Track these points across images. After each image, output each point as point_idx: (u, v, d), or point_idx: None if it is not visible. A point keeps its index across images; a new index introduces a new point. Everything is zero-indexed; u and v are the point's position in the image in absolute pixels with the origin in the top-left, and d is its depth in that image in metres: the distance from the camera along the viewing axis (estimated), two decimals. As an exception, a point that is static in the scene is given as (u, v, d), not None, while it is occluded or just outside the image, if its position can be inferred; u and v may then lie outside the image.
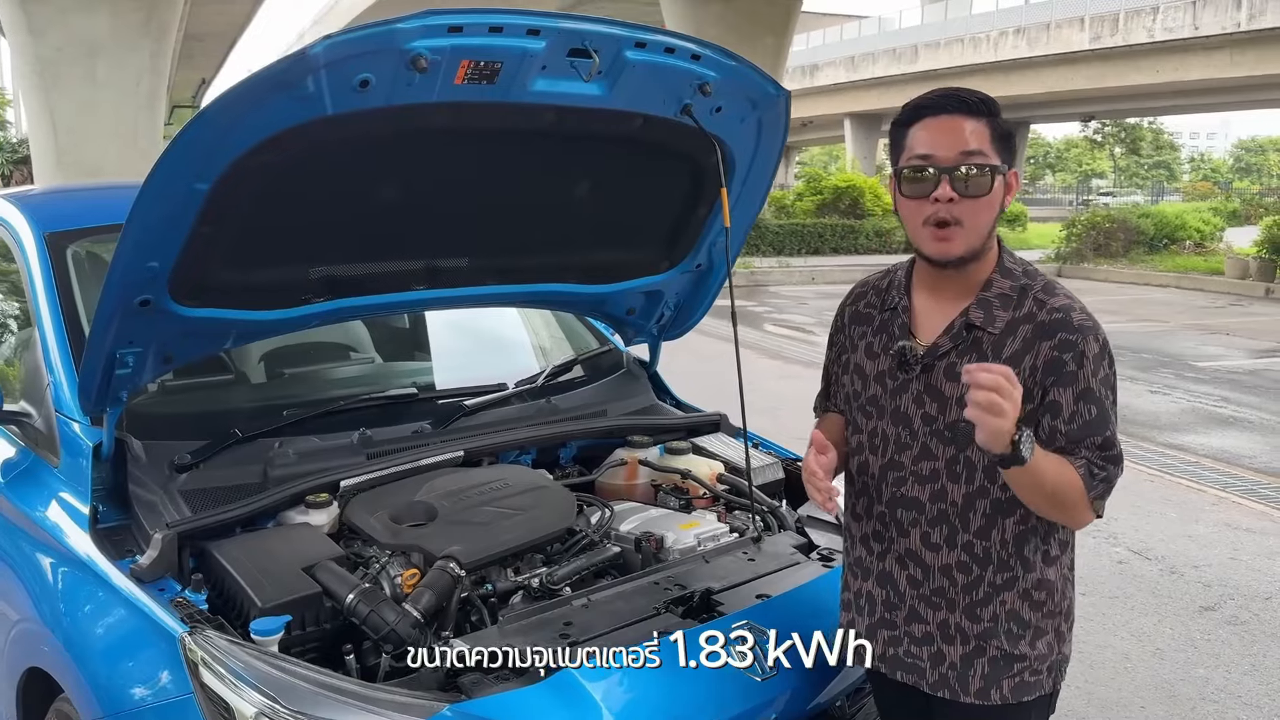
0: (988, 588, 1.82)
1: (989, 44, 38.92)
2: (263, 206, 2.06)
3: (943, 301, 1.87)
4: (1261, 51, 29.97)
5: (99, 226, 2.90)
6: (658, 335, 3.16)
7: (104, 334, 2.05)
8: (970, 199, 1.75)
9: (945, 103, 1.79)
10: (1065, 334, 1.75)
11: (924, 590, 1.87)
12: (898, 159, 1.84)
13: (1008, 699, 1.85)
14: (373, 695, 1.77)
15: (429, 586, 2.04)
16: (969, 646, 1.85)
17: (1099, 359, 1.76)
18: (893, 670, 1.93)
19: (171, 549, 2.03)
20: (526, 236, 2.61)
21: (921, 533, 1.86)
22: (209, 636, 1.83)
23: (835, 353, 2.06)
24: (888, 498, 1.90)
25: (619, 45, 2.14)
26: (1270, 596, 4.49)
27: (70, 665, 2.01)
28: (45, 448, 2.39)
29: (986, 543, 1.81)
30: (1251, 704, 3.55)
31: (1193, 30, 31.16)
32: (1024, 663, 1.84)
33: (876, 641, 1.94)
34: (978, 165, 1.75)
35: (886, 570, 1.92)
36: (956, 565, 1.83)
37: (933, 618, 1.87)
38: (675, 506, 2.67)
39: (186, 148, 1.86)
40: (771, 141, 2.61)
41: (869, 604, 1.96)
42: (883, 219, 22.53)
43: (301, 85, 1.85)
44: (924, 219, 1.79)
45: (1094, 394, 1.75)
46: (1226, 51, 31.06)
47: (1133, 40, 33.02)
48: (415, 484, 2.39)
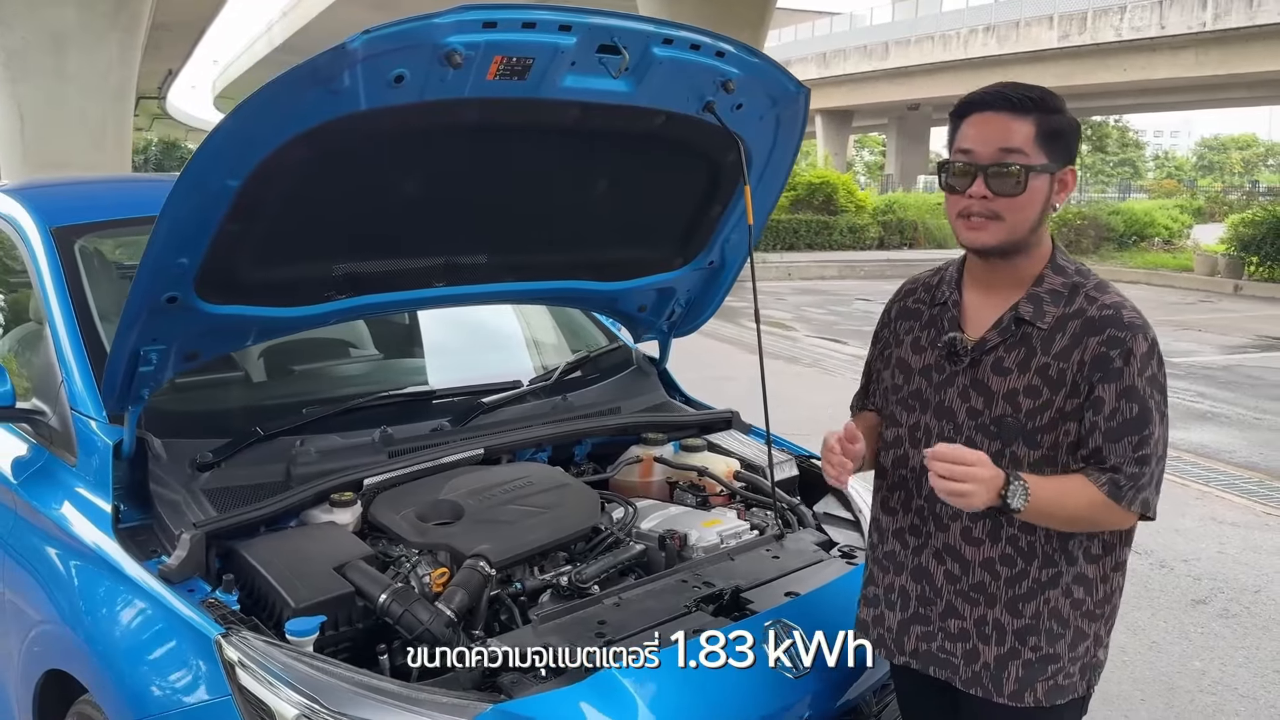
0: (1032, 583, 1.82)
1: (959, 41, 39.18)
2: (290, 204, 2.04)
3: (992, 297, 1.88)
4: (1226, 51, 30.39)
5: (107, 221, 2.87)
6: (668, 332, 3.16)
7: (129, 331, 2.02)
8: (1004, 197, 1.76)
9: (992, 100, 1.79)
10: (1114, 330, 1.76)
11: (962, 585, 1.87)
12: (950, 150, 1.86)
13: (1041, 701, 1.84)
14: (414, 695, 1.76)
15: (461, 585, 2.02)
16: (1004, 647, 1.84)
17: (1146, 358, 1.76)
18: (925, 666, 1.93)
19: (200, 549, 2.01)
20: (544, 233, 2.60)
21: (963, 527, 1.86)
22: (245, 638, 1.81)
23: (879, 349, 2.06)
24: (927, 491, 1.87)
25: (647, 41, 2.13)
26: (1259, 589, 4.56)
27: (98, 668, 1.97)
28: (61, 446, 2.35)
29: (1031, 537, 1.81)
30: (1248, 696, 3.61)
31: (1159, 29, 31.52)
32: (1058, 664, 1.84)
33: (909, 637, 1.94)
34: (1013, 165, 1.76)
35: (922, 565, 1.92)
36: (1000, 559, 1.83)
37: (970, 613, 1.87)
38: (692, 503, 2.66)
39: (221, 143, 1.84)
40: (789, 139, 2.62)
41: (901, 599, 1.95)
42: (855, 215, 22.65)
43: (338, 79, 1.83)
44: (959, 211, 1.82)
45: (1138, 392, 1.75)
46: (1192, 51, 31.46)
47: (1100, 39, 33.37)
48: (438, 482, 2.37)
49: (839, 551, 2.46)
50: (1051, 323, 1.80)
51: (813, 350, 10.65)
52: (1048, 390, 1.78)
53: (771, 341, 11.00)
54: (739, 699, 1.93)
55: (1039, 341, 1.80)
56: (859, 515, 2.69)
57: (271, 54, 41.86)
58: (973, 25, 38.57)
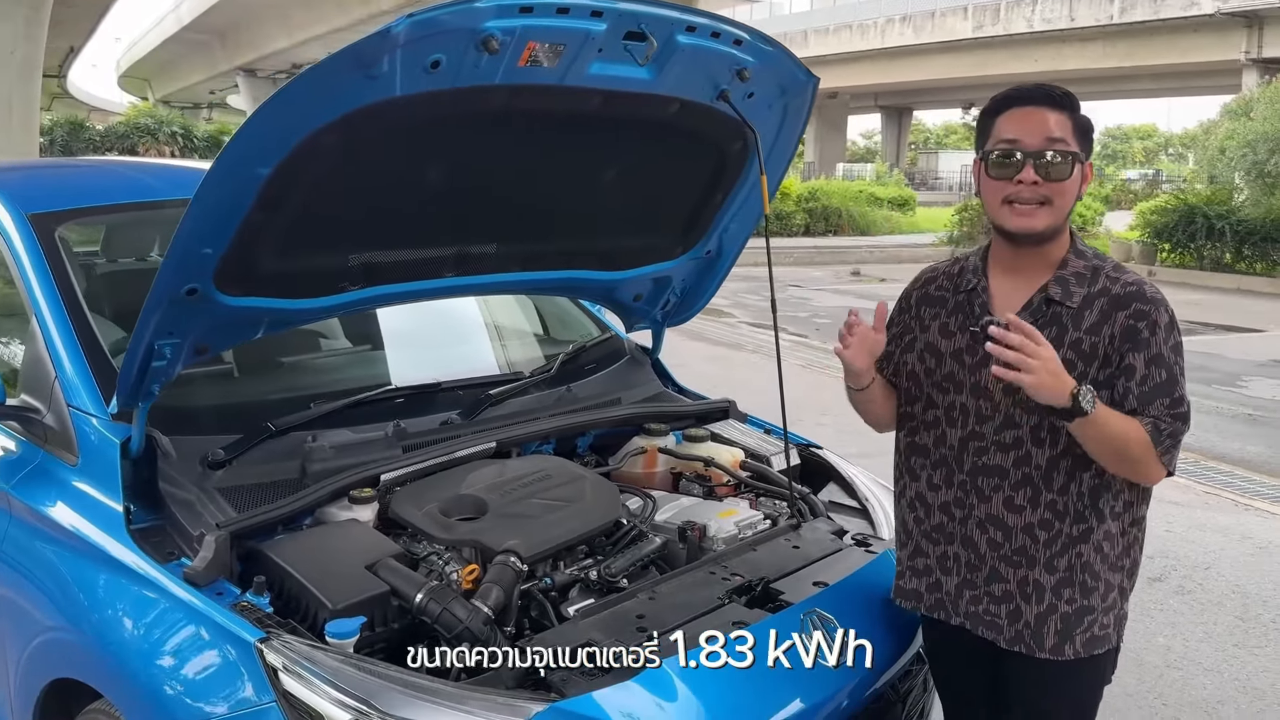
0: (1065, 539, 1.95)
1: (876, 31, 39.81)
2: (313, 193, 1.97)
3: (1019, 281, 1.99)
4: (1132, 43, 31.43)
5: (86, 208, 2.75)
6: (661, 321, 3.15)
7: (148, 324, 1.93)
8: (1053, 182, 1.88)
9: (1033, 94, 1.93)
10: (1140, 304, 1.90)
11: (1005, 550, 1.99)
12: (984, 144, 1.96)
13: (1080, 654, 1.97)
14: (468, 695, 1.72)
15: (495, 582, 1.98)
16: (1043, 604, 1.97)
17: (1169, 328, 1.91)
18: (975, 627, 2.05)
19: (225, 550, 1.94)
20: (553, 222, 2.56)
21: (1005, 497, 1.97)
22: (288, 641, 1.75)
23: (896, 331, 2.15)
24: (969, 466, 2.01)
25: (672, 29, 2.12)
26: (1209, 566, 4.73)
27: (121, 677, 1.89)
28: (58, 445, 2.24)
29: (1066, 498, 1.95)
30: (1212, 669, 3.74)
31: (1069, 21, 32.46)
32: (1092, 615, 1.97)
33: (961, 600, 2.06)
34: (1060, 152, 1.88)
35: (968, 535, 2.03)
36: (1039, 523, 1.96)
37: (1013, 575, 1.99)
38: (699, 494, 2.66)
39: (257, 129, 1.77)
40: (793, 128, 2.63)
41: (955, 565, 2.07)
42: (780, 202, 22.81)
43: (378, 64, 1.78)
44: (1004, 198, 1.92)
45: (1164, 359, 1.89)
46: (1100, 43, 32.48)
47: (1013, 30, 34.23)
48: (454, 477, 2.32)
49: (852, 540, 2.48)
50: (1080, 301, 1.93)
51: (754, 337, 10.72)
52: (1081, 363, 1.91)
53: (712, 327, 11.06)
54: (786, 690, 1.94)
55: (1069, 319, 1.93)
56: (865, 503, 2.72)
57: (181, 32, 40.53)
58: (890, 15, 39.22)
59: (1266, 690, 3.61)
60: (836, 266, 19.23)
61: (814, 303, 14.10)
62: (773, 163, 2.67)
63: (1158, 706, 3.45)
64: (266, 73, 41.98)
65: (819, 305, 13.83)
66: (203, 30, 39.79)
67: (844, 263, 19.53)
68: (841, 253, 20.69)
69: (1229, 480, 6.09)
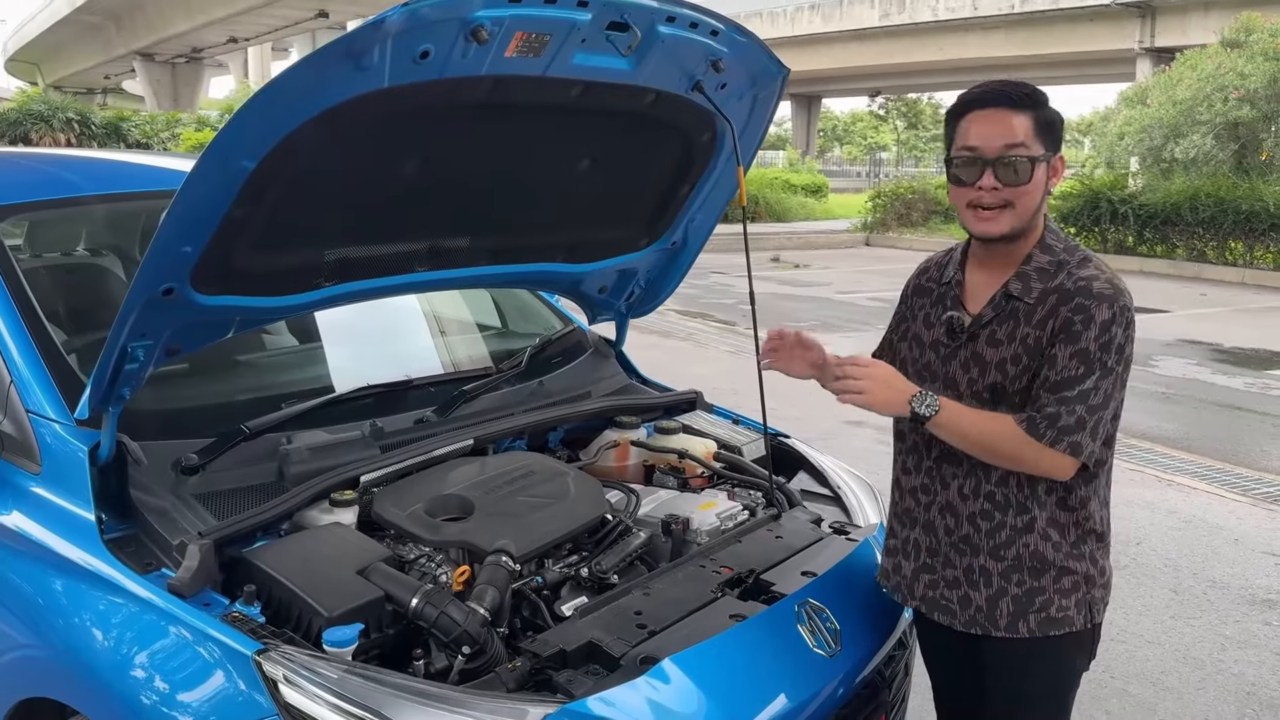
0: (1010, 530, 2.00)
1: (786, 19, 40.12)
2: (294, 188, 1.92)
3: (989, 276, 2.05)
4: (1032, 32, 32.24)
5: (28, 204, 2.61)
6: (626, 313, 3.14)
7: (123, 327, 1.85)
8: (1011, 187, 1.91)
9: (991, 97, 1.95)
10: (1081, 299, 1.91)
11: (954, 538, 2.06)
12: (949, 148, 2.00)
13: (1034, 632, 2.01)
14: (474, 700, 1.69)
15: (489, 583, 1.94)
16: (993, 589, 2.02)
17: (1107, 325, 1.88)
18: (930, 611, 2.11)
19: (210, 559, 1.86)
20: (524, 215, 2.53)
21: (959, 485, 2.04)
22: (287, 652, 1.69)
23: (896, 321, 2.22)
24: (935, 454, 2.07)
25: (653, 19, 2.11)
26: (1140, 541, 4.90)
27: (104, 696, 1.80)
28: (17, 453, 2.13)
29: (1005, 489, 2.00)
30: (1153, 641, 3.88)
31: (973, 10, 33.13)
32: (1044, 596, 2.00)
33: (919, 584, 2.12)
34: (1018, 157, 1.91)
35: (930, 520, 2.09)
36: (980, 513, 2.02)
37: (960, 562, 2.05)
38: (674, 486, 2.65)
39: (246, 122, 1.70)
40: (760, 120, 2.64)
41: (915, 549, 2.13)
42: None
43: (368, 55, 1.73)
44: (968, 202, 1.97)
45: (1089, 354, 1.88)
46: (1002, 32, 33.23)
47: (918, 18, 34.81)
48: (435, 476, 2.28)
49: (831, 528, 2.50)
50: (1036, 296, 1.96)
51: (683, 325, 10.74)
52: (1027, 357, 1.95)
53: (638, 316, 11.03)
54: (785, 681, 1.95)
55: (1024, 314, 1.97)
56: (837, 491, 2.74)
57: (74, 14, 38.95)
58: (799, 3, 39.54)
59: (1205, 660, 3.75)
60: (755, 253, 19.36)
61: (738, 289, 14.20)
62: (740, 154, 2.67)
63: (1106, 679, 3.56)
64: (165, 57, 40.49)
65: (743, 292, 13.88)
66: (97, 12, 38.32)
67: (762, 249, 19.67)
68: (759, 239, 20.82)
69: (1150, 457, 6.29)
